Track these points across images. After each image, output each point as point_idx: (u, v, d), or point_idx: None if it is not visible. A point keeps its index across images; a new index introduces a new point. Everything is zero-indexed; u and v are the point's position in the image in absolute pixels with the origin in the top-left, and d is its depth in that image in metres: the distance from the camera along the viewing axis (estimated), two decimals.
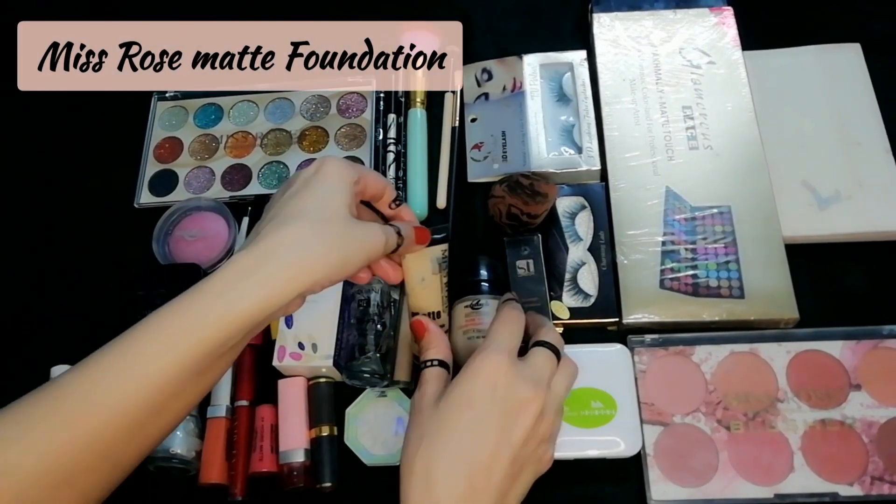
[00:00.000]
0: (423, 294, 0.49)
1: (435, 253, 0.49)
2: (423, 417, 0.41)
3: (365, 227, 0.42)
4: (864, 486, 0.49)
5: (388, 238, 0.44)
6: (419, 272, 0.49)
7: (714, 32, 0.65)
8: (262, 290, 0.37)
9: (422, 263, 0.49)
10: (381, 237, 0.43)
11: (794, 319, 0.54)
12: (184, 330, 0.37)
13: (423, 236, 0.48)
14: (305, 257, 0.39)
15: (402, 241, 0.45)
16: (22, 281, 0.64)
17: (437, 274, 0.50)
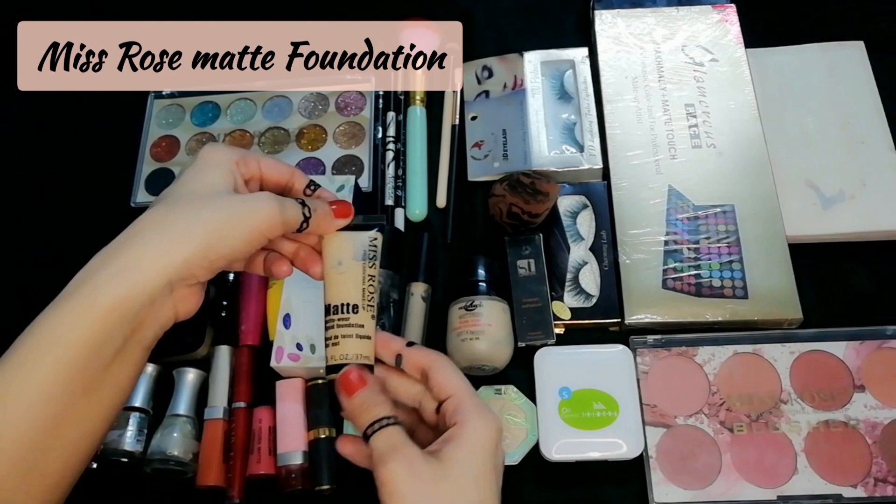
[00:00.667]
0: (339, 281, 0.41)
1: (361, 238, 0.42)
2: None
3: (247, 198, 0.37)
4: (867, 488, 0.48)
5: (286, 209, 0.37)
6: (337, 254, 0.41)
7: (717, 30, 0.65)
8: (122, 278, 0.34)
9: (342, 245, 0.41)
10: (273, 206, 0.37)
11: (797, 320, 0.54)
12: (47, 338, 0.33)
13: (344, 210, 0.41)
14: (165, 235, 0.35)
15: (312, 214, 0.39)
16: (19, 280, 0.64)
17: (360, 262, 0.41)
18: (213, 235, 0.35)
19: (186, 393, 0.54)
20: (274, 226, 0.37)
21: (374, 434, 0.36)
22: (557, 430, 0.50)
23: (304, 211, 0.39)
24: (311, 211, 0.39)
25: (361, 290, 0.41)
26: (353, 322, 0.40)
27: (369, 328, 0.41)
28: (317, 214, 0.39)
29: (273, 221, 0.37)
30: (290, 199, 0.39)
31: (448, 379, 0.39)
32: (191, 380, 0.55)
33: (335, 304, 0.40)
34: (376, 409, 0.37)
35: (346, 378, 0.38)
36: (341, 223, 0.41)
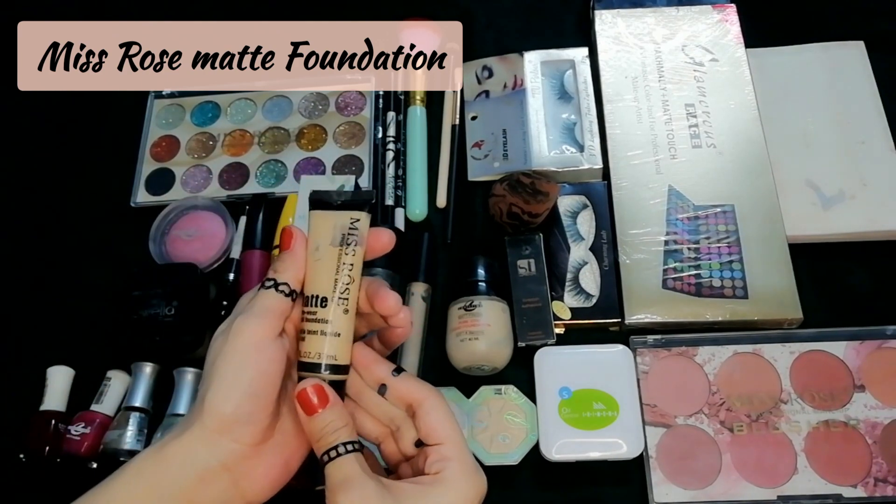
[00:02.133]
0: (312, 269, 0.37)
1: (339, 219, 0.37)
2: None
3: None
4: (867, 488, 0.48)
5: (264, 310, 0.35)
6: (315, 237, 0.37)
7: (717, 30, 0.65)
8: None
9: (323, 228, 0.37)
10: (250, 322, 0.35)
11: (797, 320, 0.54)
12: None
13: (286, 237, 0.37)
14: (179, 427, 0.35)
15: (281, 278, 0.36)
16: (18, 280, 0.64)
17: (336, 248, 0.37)
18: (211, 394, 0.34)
19: (186, 393, 0.54)
20: (260, 343, 0.34)
21: (329, 462, 0.34)
22: (557, 430, 0.50)
23: (271, 284, 0.36)
24: (276, 275, 0.36)
25: (333, 281, 0.36)
26: (321, 317, 0.36)
27: (340, 325, 0.36)
28: (284, 271, 0.36)
29: (258, 340, 0.34)
30: (252, 298, 0.36)
31: (440, 424, 0.36)
32: (191, 380, 0.55)
33: (308, 294, 0.37)
34: (335, 435, 0.34)
35: (303, 396, 0.35)
36: (300, 253, 0.37)
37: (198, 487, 0.33)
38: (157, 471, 0.33)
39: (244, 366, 0.34)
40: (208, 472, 0.33)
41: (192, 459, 0.33)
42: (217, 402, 0.33)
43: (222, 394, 0.33)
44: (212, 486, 0.33)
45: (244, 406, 0.34)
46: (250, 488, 0.35)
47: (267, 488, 0.35)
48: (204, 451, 0.33)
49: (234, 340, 0.34)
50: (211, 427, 0.33)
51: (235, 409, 0.33)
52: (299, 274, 0.37)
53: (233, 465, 0.34)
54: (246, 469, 0.34)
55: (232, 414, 0.33)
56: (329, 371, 0.36)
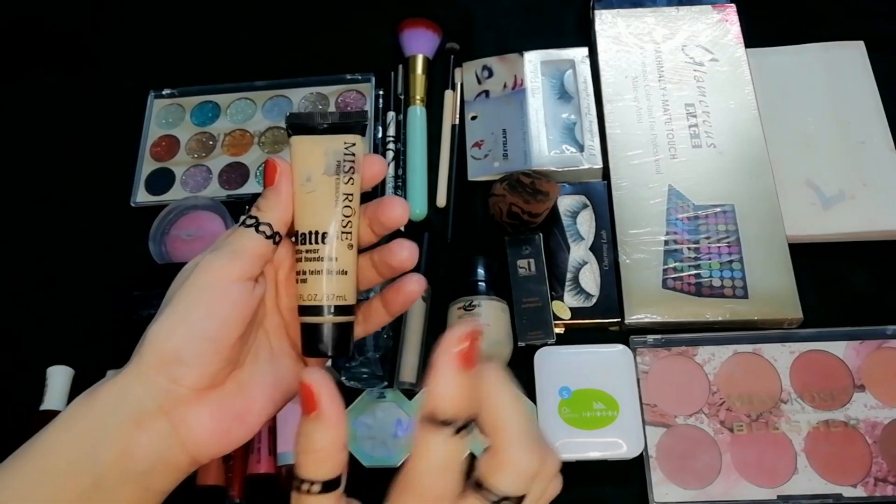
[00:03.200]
0: (306, 203, 0.33)
1: (333, 145, 0.33)
2: None
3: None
4: (867, 488, 0.48)
5: (231, 248, 0.31)
6: (304, 167, 0.33)
7: (717, 29, 0.65)
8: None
9: (310, 155, 0.33)
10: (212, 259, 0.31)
11: (797, 319, 0.54)
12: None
13: (271, 169, 0.33)
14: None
15: (263, 218, 0.32)
16: (18, 280, 0.64)
17: (332, 177, 0.33)
18: (160, 332, 0.30)
19: None
20: (223, 284, 0.30)
21: (300, 494, 0.28)
22: (557, 430, 0.50)
23: (252, 223, 0.32)
24: (258, 213, 0.32)
25: (333, 214, 0.33)
26: (322, 254, 0.33)
27: (346, 261, 0.33)
28: (268, 210, 0.32)
29: (224, 275, 0.31)
30: (229, 233, 0.32)
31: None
32: None
33: (302, 231, 0.33)
34: (317, 467, 0.27)
35: (306, 391, 0.27)
36: (285, 191, 0.33)
37: (133, 432, 0.29)
38: (90, 415, 0.30)
39: (198, 304, 0.30)
40: (144, 415, 0.30)
41: (125, 399, 0.30)
42: (159, 336, 0.30)
43: (166, 328, 0.30)
44: (148, 431, 0.30)
45: (189, 346, 0.30)
46: (191, 439, 0.30)
47: (212, 443, 0.31)
48: (139, 390, 0.30)
49: (195, 276, 0.31)
50: (149, 362, 0.30)
51: (177, 347, 0.30)
52: (284, 214, 0.33)
53: (170, 408, 0.30)
54: (186, 416, 0.30)
55: (172, 352, 0.30)
56: (334, 313, 0.33)
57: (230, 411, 0.31)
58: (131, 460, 0.29)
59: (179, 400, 0.30)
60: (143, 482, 0.30)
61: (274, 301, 0.34)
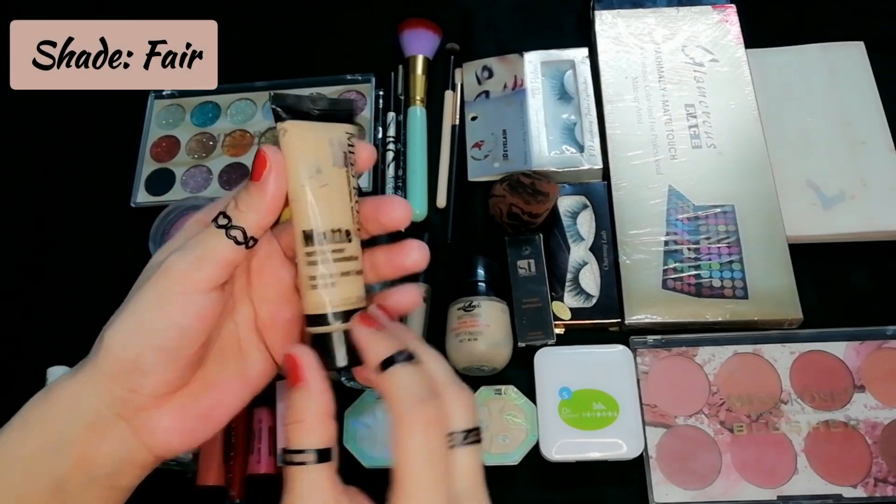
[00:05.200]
0: (322, 197, 0.29)
1: (338, 135, 0.30)
2: None
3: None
4: (867, 488, 0.48)
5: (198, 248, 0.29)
6: (313, 158, 0.29)
7: (717, 30, 0.65)
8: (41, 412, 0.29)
9: (318, 144, 0.29)
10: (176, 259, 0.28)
11: (797, 320, 0.54)
12: None
13: (259, 164, 0.29)
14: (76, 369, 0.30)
15: (237, 219, 0.29)
16: (18, 280, 0.64)
17: (342, 168, 0.30)
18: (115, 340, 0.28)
19: None
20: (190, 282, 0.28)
21: (289, 464, 0.27)
22: (557, 431, 0.50)
23: (224, 224, 0.29)
24: (234, 212, 0.29)
25: (350, 209, 0.30)
26: (349, 254, 0.30)
27: (361, 260, 0.31)
28: (246, 211, 0.29)
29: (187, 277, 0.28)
30: (199, 233, 0.29)
31: (400, 462, 0.28)
32: None
33: (328, 229, 0.29)
34: (307, 430, 0.28)
35: (291, 363, 0.28)
36: (272, 190, 0.29)
37: (90, 439, 0.28)
38: (46, 421, 0.29)
39: (159, 313, 0.28)
40: (100, 422, 0.28)
41: (79, 406, 0.28)
42: (115, 342, 0.28)
43: (124, 335, 0.28)
44: (107, 437, 0.28)
45: (147, 356, 0.28)
46: (155, 441, 0.29)
47: (177, 443, 0.30)
48: (93, 398, 0.28)
49: (158, 279, 0.28)
50: (105, 370, 0.28)
51: (136, 356, 0.28)
52: (265, 217, 0.29)
53: (130, 416, 0.29)
54: (147, 421, 0.29)
55: (130, 361, 0.28)
56: (351, 319, 0.30)
57: (194, 412, 0.30)
58: (92, 464, 0.29)
59: (138, 407, 0.29)
60: (108, 482, 0.30)
61: (245, 291, 0.32)
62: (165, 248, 0.30)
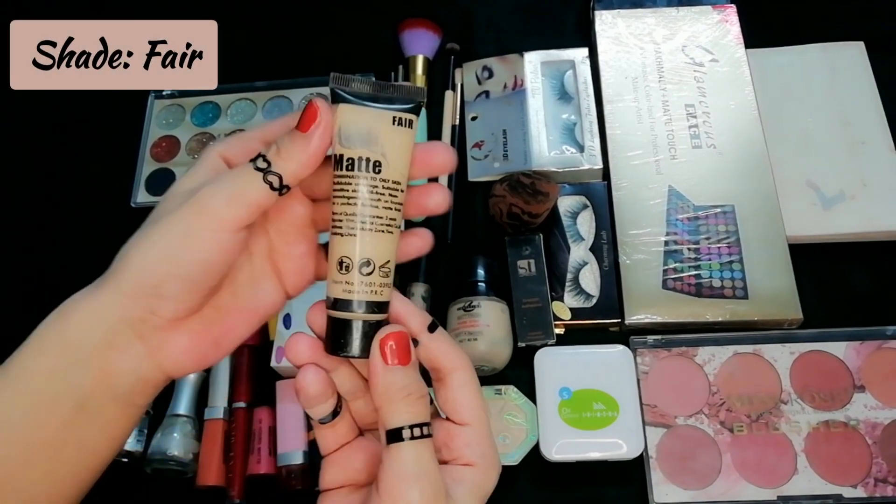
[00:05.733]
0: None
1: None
2: None
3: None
4: (867, 488, 0.48)
5: (228, 185, 0.29)
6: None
7: (717, 30, 0.65)
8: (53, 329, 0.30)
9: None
10: (203, 197, 0.29)
11: (797, 320, 0.54)
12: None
13: (309, 117, 0.29)
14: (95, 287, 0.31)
15: (277, 162, 0.29)
16: (19, 280, 0.64)
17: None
18: (141, 257, 0.29)
19: (186, 393, 0.54)
20: (218, 221, 0.28)
21: (409, 440, 0.28)
22: (557, 431, 0.50)
23: (263, 168, 0.28)
24: (275, 158, 0.29)
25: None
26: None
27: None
28: (287, 159, 0.29)
29: (216, 215, 0.28)
30: (235, 170, 0.29)
31: (470, 402, 0.30)
32: (191, 380, 0.55)
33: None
34: (418, 406, 0.29)
35: (399, 339, 0.29)
36: (316, 145, 0.29)
37: (109, 355, 0.29)
38: (63, 337, 0.29)
39: (188, 247, 0.28)
40: (118, 339, 0.29)
41: (98, 323, 0.29)
42: (139, 268, 0.28)
43: (149, 264, 0.28)
44: (124, 354, 0.29)
45: (169, 284, 0.29)
46: (167, 361, 0.30)
47: (188, 365, 0.31)
48: (112, 315, 0.29)
49: (188, 212, 0.28)
50: (125, 291, 0.29)
51: (159, 282, 0.28)
52: (304, 168, 0.29)
53: (146, 335, 0.29)
54: (162, 341, 0.30)
55: (152, 286, 0.28)
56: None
57: (207, 337, 0.31)
58: (113, 380, 0.29)
59: (155, 328, 0.29)
60: (127, 399, 0.31)
61: (261, 223, 0.32)
62: (190, 175, 0.30)
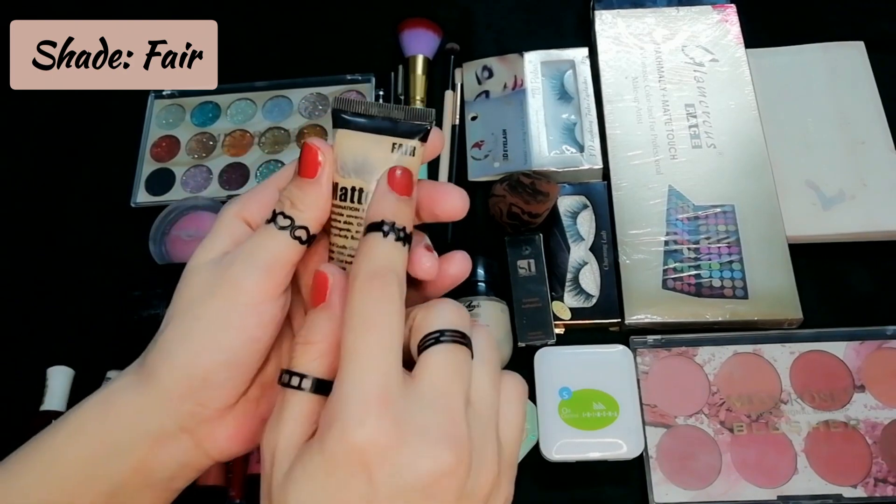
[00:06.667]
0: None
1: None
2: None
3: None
4: (867, 488, 0.48)
5: (255, 250, 0.28)
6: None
7: (717, 30, 0.65)
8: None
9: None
10: (228, 270, 0.28)
11: (797, 320, 0.54)
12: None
13: (310, 160, 0.28)
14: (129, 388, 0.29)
15: (297, 215, 0.28)
16: (18, 281, 0.64)
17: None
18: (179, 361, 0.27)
19: None
20: (250, 294, 0.27)
21: (283, 385, 0.26)
22: (557, 431, 0.50)
23: (287, 225, 0.27)
24: (293, 211, 0.28)
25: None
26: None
27: None
28: (305, 209, 0.28)
29: (247, 289, 0.27)
30: (258, 236, 0.28)
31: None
32: None
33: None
34: (308, 352, 0.26)
35: (320, 280, 0.27)
36: (328, 187, 0.28)
37: (151, 449, 0.28)
38: (104, 429, 0.28)
39: (231, 328, 0.27)
40: (164, 435, 0.28)
41: (143, 421, 0.28)
42: (183, 363, 0.27)
43: (194, 356, 0.27)
44: (169, 447, 0.28)
45: (219, 372, 0.27)
46: (215, 448, 0.29)
47: (236, 448, 0.29)
48: (159, 414, 0.28)
49: (225, 292, 0.27)
50: (171, 388, 0.27)
51: (206, 373, 0.27)
52: (324, 213, 0.28)
53: (194, 427, 0.28)
54: (210, 431, 0.28)
55: (200, 378, 0.27)
56: None
57: (255, 418, 0.29)
58: (151, 471, 0.28)
59: (203, 420, 0.28)
60: (164, 485, 0.30)
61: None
62: (210, 243, 0.29)
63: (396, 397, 0.24)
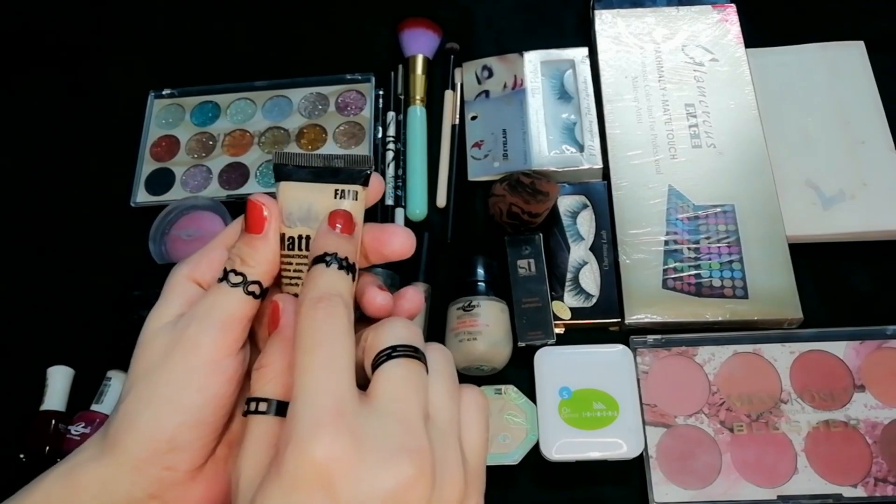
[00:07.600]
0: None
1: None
2: None
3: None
4: (867, 488, 0.48)
5: (207, 316, 0.28)
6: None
7: (717, 29, 0.65)
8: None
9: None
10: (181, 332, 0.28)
11: (797, 320, 0.54)
12: None
13: (255, 219, 0.29)
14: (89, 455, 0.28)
15: (248, 274, 0.28)
16: (18, 281, 0.64)
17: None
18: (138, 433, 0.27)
19: None
20: (210, 358, 0.27)
21: (246, 413, 0.27)
22: (557, 430, 0.50)
23: (238, 282, 0.28)
24: (244, 268, 0.28)
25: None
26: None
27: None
28: (255, 265, 0.28)
29: (209, 353, 0.27)
30: (211, 295, 0.28)
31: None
32: None
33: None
34: (265, 378, 0.27)
35: (274, 311, 0.28)
36: (275, 242, 0.29)
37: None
38: (69, 499, 0.27)
39: (192, 388, 0.27)
40: (132, 502, 0.27)
41: (110, 492, 0.27)
42: (149, 427, 0.27)
43: (158, 419, 0.27)
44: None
45: (184, 434, 0.27)
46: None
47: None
48: (126, 484, 0.27)
49: (182, 354, 0.27)
50: (136, 454, 0.27)
51: (172, 436, 0.27)
52: (274, 267, 0.29)
53: (163, 493, 0.27)
54: (181, 495, 0.28)
55: (166, 442, 0.27)
56: None
57: (224, 478, 0.29)
58: None
59: (172, 484, 0.27)
60: None
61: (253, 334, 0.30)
62: (163, 308, 0.29)
63: (351, 412, 0.24)
